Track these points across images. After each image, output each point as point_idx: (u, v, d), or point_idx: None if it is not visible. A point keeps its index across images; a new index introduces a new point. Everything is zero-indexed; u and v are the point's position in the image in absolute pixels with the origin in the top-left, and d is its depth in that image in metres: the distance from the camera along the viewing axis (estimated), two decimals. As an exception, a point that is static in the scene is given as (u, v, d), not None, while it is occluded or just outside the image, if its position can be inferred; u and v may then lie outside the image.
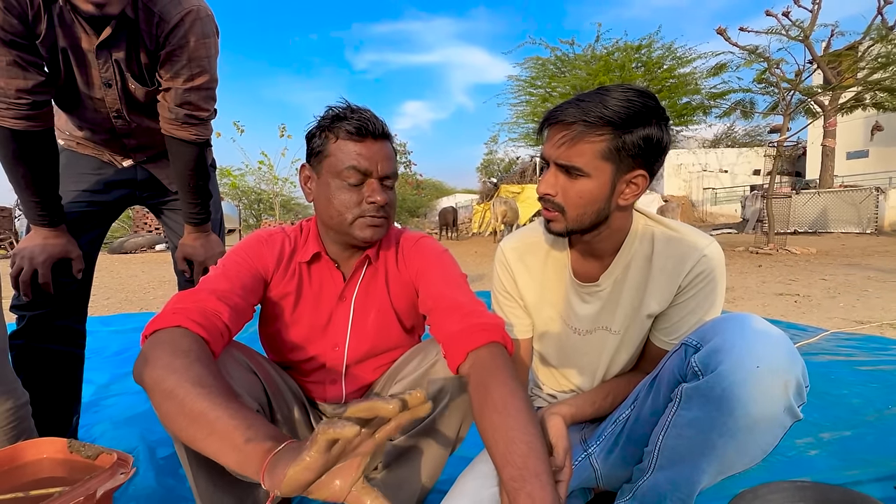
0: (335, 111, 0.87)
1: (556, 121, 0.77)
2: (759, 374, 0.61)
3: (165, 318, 0.72)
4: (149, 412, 1.62)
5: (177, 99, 1.06)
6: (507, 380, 0.69)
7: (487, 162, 24.32)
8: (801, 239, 9.17)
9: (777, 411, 0.62)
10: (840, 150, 14.37)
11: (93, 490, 0.72)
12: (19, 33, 0.90)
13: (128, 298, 4.31)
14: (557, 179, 0.79)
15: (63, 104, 1.10)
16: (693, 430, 0.66)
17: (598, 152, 0.75)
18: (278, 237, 0.94)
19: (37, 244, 1.09)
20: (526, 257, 0.96)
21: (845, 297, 3.66)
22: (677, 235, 0.85)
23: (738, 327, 0.65)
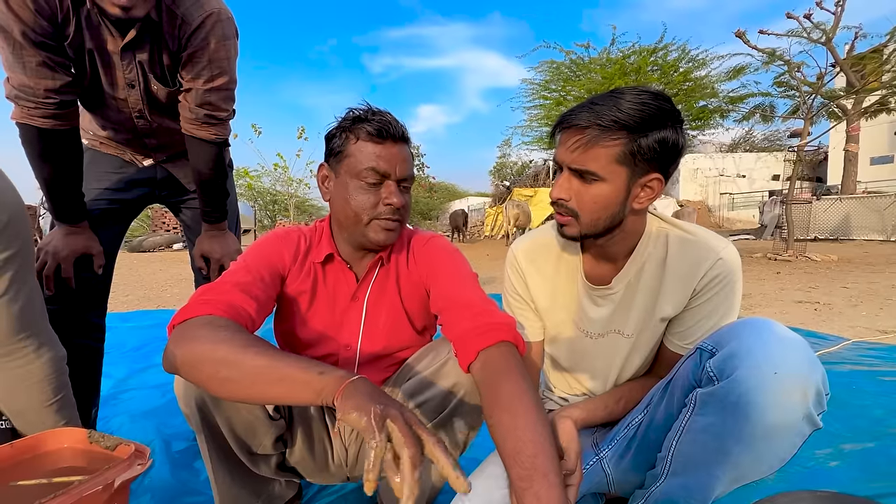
0: (356, 113, 0.88)
1: (569, 125, 0.76)
2: (777, 380, 0.59)
3: (194, 308, 0.74)
4: (165, 406, 1.65)
5: (197, 99, 1.08)
6: (518, 379, 0.68)
7: (500, 165, 24.25)
8: (822, 246, 8.95)
9: (795, 419, 0.60)
10: (864, 156, 14.01)
11: (111, 479, 0.73)
12: (49, 35, 0.93)
13: (146, 296, 4.40)
14: (571, 184, 0.78)
15: (88, 104, 1.13)
16: (708, 437, 0.65)
17: (613, 156, 0.73)
18: (295, 235, 0.96)
19: (60, 240, 1.12)
20: (537, 260, 0.95)
21: (868, 306, 3.55)
22: (692, 238, 0.84)
23: (756, 332, 0.64)
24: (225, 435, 0.83)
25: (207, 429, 0.82)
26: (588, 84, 13.09)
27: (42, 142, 1.01)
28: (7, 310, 0.81)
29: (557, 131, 0.79)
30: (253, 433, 0.85)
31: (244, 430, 0.84)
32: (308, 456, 0.95)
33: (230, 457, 0.86)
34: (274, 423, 0.86)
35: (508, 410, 0.65)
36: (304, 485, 1.13)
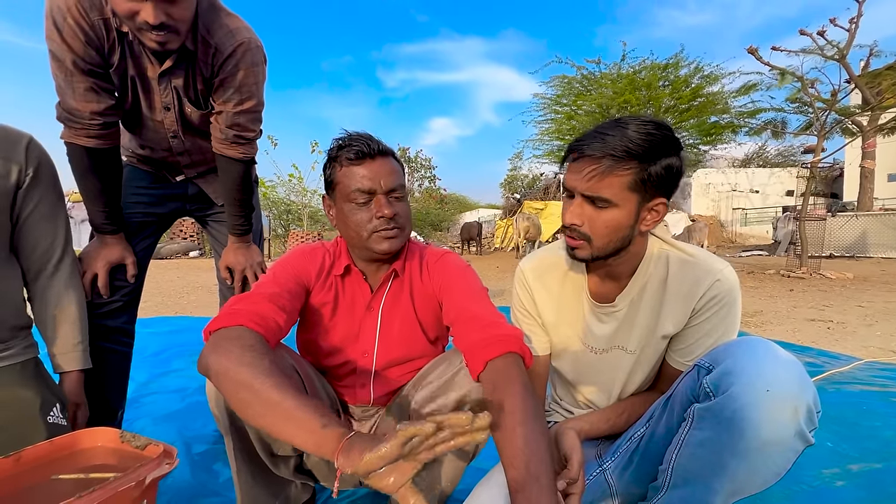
0: (337, 142, 0.95)
1: (582, 154, 0.79)
2: (770, 397, 0.62)
3: (227, 318, 0.80)
4: (185, 410, 1.71)
5: (227, 121, 1.16)
6: (519, 389, 0.72)
7: (511, 178, 24.35)
8: (838, 263, 8.80)
9: (787, 435, 0.63)
10: (881, 172, 13.79)
11: (143, 476, 0.78)
12: (96, 63, 1.02)
13: (164, 302, 4.51)
14: (584, 210, 0.81)
15: (128, 125, 1.22)
16: (705, 450, 0.68)
17: (625, 184, 0.78)
18: (319, 252, 1.02)
19: (98, 250, 1.21)
20: (545, 277, 1.00)
21: (883, 326, 3.51)
22: (692, 259, 0.88)
23: (750, 351, 0.67)
24: (250, 436, 0.88)
25: (234, 430, 0.88)
26: (599, 99, 13.17)
27: (87, 159, 1.10)
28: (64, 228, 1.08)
29: (569, 159, 0.83)
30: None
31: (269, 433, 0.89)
32: (324, 460, 1.00)
33: (253, 457, 0.91)
34: None
35: (509, 417, 0.69)
36: (317, 489, 1.18)
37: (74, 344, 1.10)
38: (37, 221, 1.03)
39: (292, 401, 0.66)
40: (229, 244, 1.37)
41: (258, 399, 0.67)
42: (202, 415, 1.65)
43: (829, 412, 1.74)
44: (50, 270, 1.08)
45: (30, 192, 1.01)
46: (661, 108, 13.01)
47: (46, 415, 1.04)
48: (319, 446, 0.62)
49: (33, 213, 1.02)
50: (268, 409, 0.66)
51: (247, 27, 1.12)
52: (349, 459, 0.59)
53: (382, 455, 0.57)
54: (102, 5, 0.98)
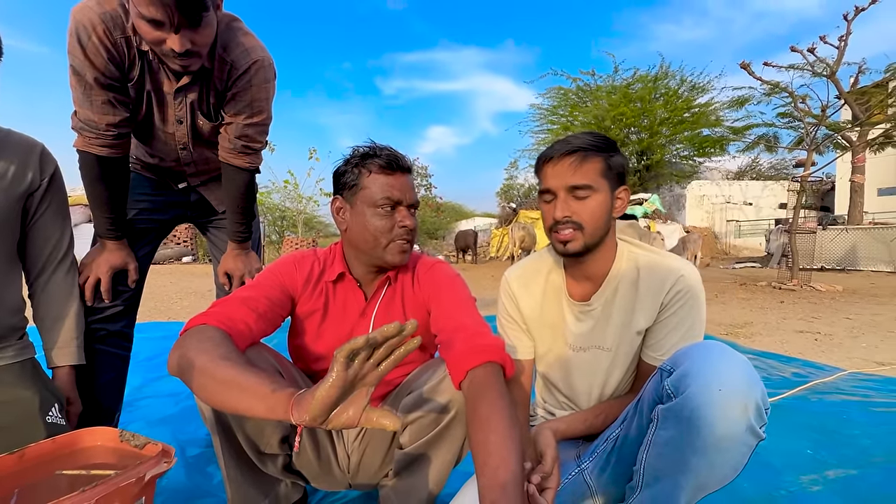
0: (364, 150, 1.00)
1: (559, 153, 0.92)
2: (721, 396, 0.66)
3: (198, 319, 0.85)
4: (179, 414, 1.73)
5: (236, 132, 1.21)
6: (495, 398, 0.75)
7: (507, 187, 24.53)
8: (828, 276, 8.91)
9: (739, 430, 0.67)
10: (871, 187, 14.01)
11: (142, 473, 0.81)
12: (116, 78, 1.07)
13: (157, 307, 4.52)
14: (569, 203, 0.92)
15: (139, 135, 1.26)
16: (670, 449, 0.72)
17: (598, 171, 0.92)
18: (309, 260, 1.06)
19: (101, 255, 1.24)
20: (528, 283, 1.07)
21: (869, 338, 3.57)
22: (657, 258, 0.98)
23: (705, 354, 0.72)
24: (236, 434, 0.92)
25: (221, 428, 0.91)
26: (594, 110, 13.36)
27: (99, 167, 1.14)
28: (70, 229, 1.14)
29: (541, 166, 0.95)
30: (261, 433, 0.93)
31: (253, 429, 0.93)
32: (313, 459, 1.03)
33: (241, 455, 0.94)
34: (280, 423, 0.94)
35: (482, 426, 0.72)
36: (309, 490, 1.21)
37: (70, 339, 1.15)
38: (47, 221, 1.11)
39: (244, 375, 0.69)
40: (228, 251, 1.40)
41: (214, 380, 0.71)
42: (195, 419, 1.67)
43: (811, 421, 1.79)
44: (53, 267, 1.14)
45: (44, 196, 1.08)
46: (656, 120, 13.21)
47: (45, 414, 1.07)
48: (273, 409, 0.64)
49: (45, 213, 1.10)
50: (223, 388, 0.69)
51: (261, 46, 1.17)
52: (302, 409, 0.61)
53: (331, 384, 0.59)
54: (124, 24, 1.02)
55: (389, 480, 1.03)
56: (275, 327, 0.98)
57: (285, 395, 0.64)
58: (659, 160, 14.17)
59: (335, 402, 0.61)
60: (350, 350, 0.58)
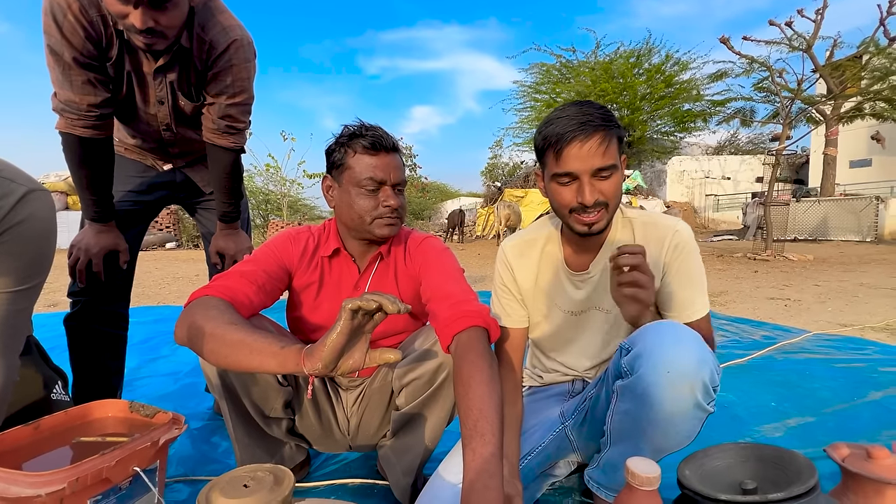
0: (351, 129, 1.03)
1: (584, 135, 0.86)
2: (669, 378, 0.73)
3: (201, 291, 0.90)
4: (179, 391, 1.78)
5: (219, 112, 1.22)
6: (476, 358, 0.81)
7: (492, 166, 24.46)
8: (801, 246, 9.25)
9: (686, 408, 0.74)
10: (843, 159, 14.43)
11: (157, 438, 0.87)
12: (94, 57, 1.07)
13: (145, 293, 4.49)
14: (594, 185, 0.89)
15: (122, 117, 1.27)
16: (628, 418, 0.80)
17: (616, 147, 0.91)
18: (304, 236, 1.10)
19: (91, 238, 1.25)
20: (524, 253, 1.09)
21: (835, 303, 3.78)
22: (651, 220, 1.01)
23: (657, 336, 0.77)
24: (242, 399, 0.98)
25: (228, 393, 0.97)
26: (577, 87, 13.35)
27: (81, 149, 1.14)
28: None
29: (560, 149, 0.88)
30: (265, 398, 0.99)
31: (258, 394, 0.99)
32: (315, 423, 1.09)
33: (248, 419, 1.00)
34: (283, 388, 1.01)
35: (464, 384, 0.78)
36: (312, 454, 1.28)
37: None
38: None
39: (252, 337, 0.75)
40: (218, 231, 1.43)
41: (224, 343, 0.77)
42: (196, 395, 1.73)
43: (776, 378, 1.93)
44: None
45: None
46: (637, 96, 13.27)
47: (51, 392, 1.11)
48: (284, 364, 0.71)
49: None
50: (234, 349, 0.75)
51: (240, 25, 1.18)
52: (313, 359, 0.68)
53: (339, 332, 0.66)
54: (100, 2, 1.02)
55: (387, 441, 1.10)
56: (273, 300, 1.03)
57: (294, 350, 0.71)
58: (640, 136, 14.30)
59: (343, 348, 0.69)
60: (358, 306, 0.66)
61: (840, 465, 0.87)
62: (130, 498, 0.84)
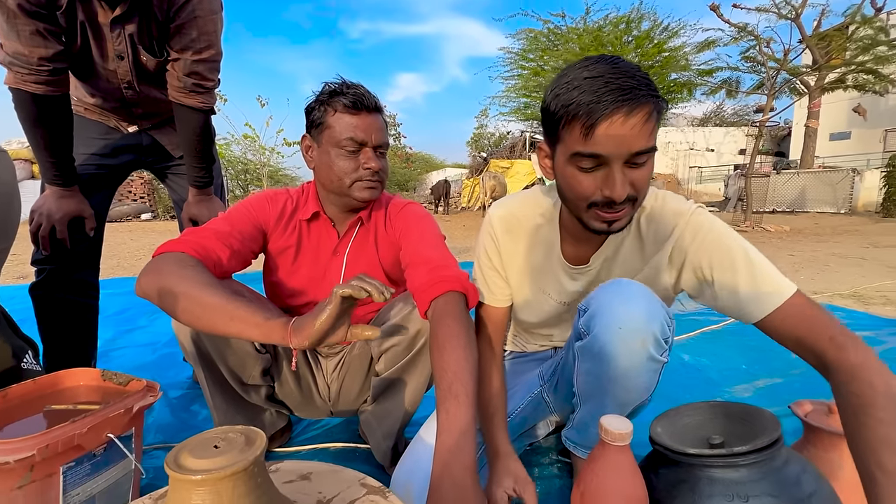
0: (332, 87, 0.98)
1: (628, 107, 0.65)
2: (621, 334, 0.74)
3: (172, 245, 0.87)
4: (157, 361, 1.76)
5: (185, 69, 1.15)
6: (452, 323, 0.81)
7: (477, 136, 24.13)
8: (778, 217, 9.47)
9: (640, 361, 0.75)
10: (823, 132, 14.62)
11: (131, 405, 0.86)
12: (42, 5, 0.98)
13: (119, 264, 4.38)
14: (625, 175, 0.69)
15: (78, 73, 1.18)
16: (591, 377, 0.81)
17: (656, 125, 0.69)
18: (282, 197, 1.07)
19: (53, 203, 1.19)
20: (514, 231, 0.94)
21: (807, 271, 3.90)
22: (659, 205, 0.85)
23: (608, 295, 0.77)
24: (218, 366, 0.96)
25: (203, 360, 0.95)
26: (565, 54, 13.06)
27: (35, 106, 1.07)
28: None
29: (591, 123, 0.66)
30: (242, 365, 0.98)
31: (235, 362, 0.97)
32: (295, 390, 1.09)
33: (225, 386, 0.99)
34: (261, 356, 1.00)
35: (440, 348, 0.78)
36: (294, 420, 1.28)
37: None
38: None
39: (233, 303, 0.75)
40: (191, 197, 1.37)
41: (201, 306, 0.75)
42: (174, 365, 1.71)
43: (748, 342, 2.00)
44: None
45: None
46: (626, 65, 13.08)
47: (20, 361, 1.07)
48: (268, 336, 0.74)
49: None
50: (211, 313, 0.75)
51: None
52: (300, 337, 0.72)
53: (328, 315, 0.72)
54: None
55: (368, 406, 1.11)
56: (245, 265, 1.00)
57: (280, 324, 0.73)
58: (627, 107, 14.12)
59: (329, 329, 0.74)
60: (349, 294, 0.71)
61: (802, 420, 0.91)
62: (106, 465, 0.83)
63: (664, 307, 0.78)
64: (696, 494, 0.73)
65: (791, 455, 0.78)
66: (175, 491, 0.46)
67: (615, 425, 0.66)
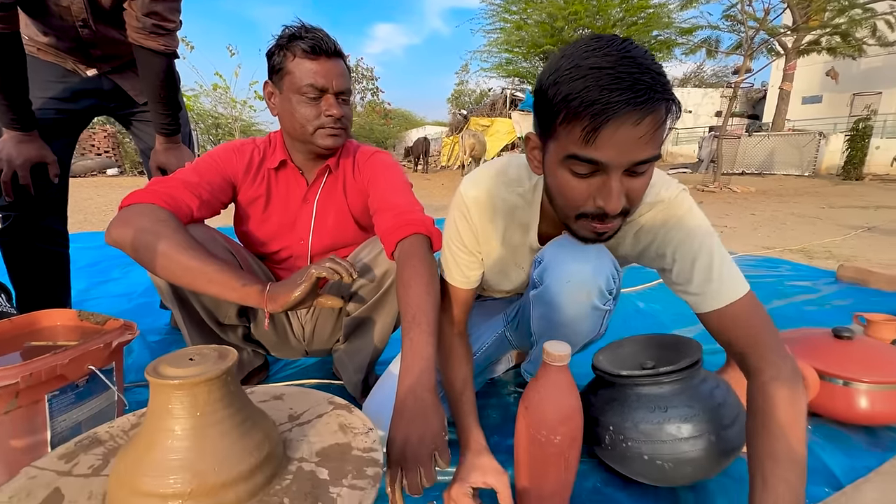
0: (291, 31, 0.97)
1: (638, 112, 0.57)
2: (569, 287, 0.81)
3: (141, 195, 0.89)
4: (134, 310, 1.79)
5: (143, 8, 1.11)
6: (417, 263, 0.86)
7: (458, 93, 23.51)
8: (746, 179, 9.76)
9: (585, 310, 0.83)
10: (797, 95, 14.83)
11: (109, 341, 0.90)
12: None
13: (87, 219, 4.26)
14: (622, 184, 0.63)
15: (28, 9, 1.13)
16: (544, 321, 0.89)
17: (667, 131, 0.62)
18: (248, 147, 1.08)
19: (13, 148, 1.16)
20: (491, 213, 0.89)
21: (765, 229, 4.11)
22: None
23: (561, 251, 0.82)
24: (195, 306, 1.01)
25: (180, 302, 1.00)
26: (549, 7, 12.65)
27: None
28: None
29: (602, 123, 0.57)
30: (218, 305, 1.03)
31: (211, 302, 1.02)
32: (270, 331, 1.15)
33: (203, 326, 1.04)
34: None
35: (405, 286, 0.84)
36: (271, 360, 1.36)
37: None
38: None
39: (211, 266, 0.81)
40: (158, 145, 1.36)
41: (179, 266, 0.81)
42: (152, 313, 1.74)
43: (700, 292, 2.15)
44: None
45: None
46: (610, 21, 12.78)
47: (-6, 305, 1.10)
48: (244, 299, 0.82)
49: None
50: (190, 274, 0.82)
51: None
52: (275, 304, 0.82)
53: (302, 290, 0.82)
54: None
55: (341, 345, 1.19)
56: (215, 214, 1.02)
57: (256, 291, 0.82)
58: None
59: (301, 300, 0.84)
60: (322, 275, 0.83)
61: (726, 349, 1.03)
62: (89, 395, 0.88)
63: (612, 262, 0.84)
64: (625, 408, 0.85)
65: (708, 375, 0.90)
66: (156, 395, 0.52)
67: (556, 348, 0.75)
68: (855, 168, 9.62)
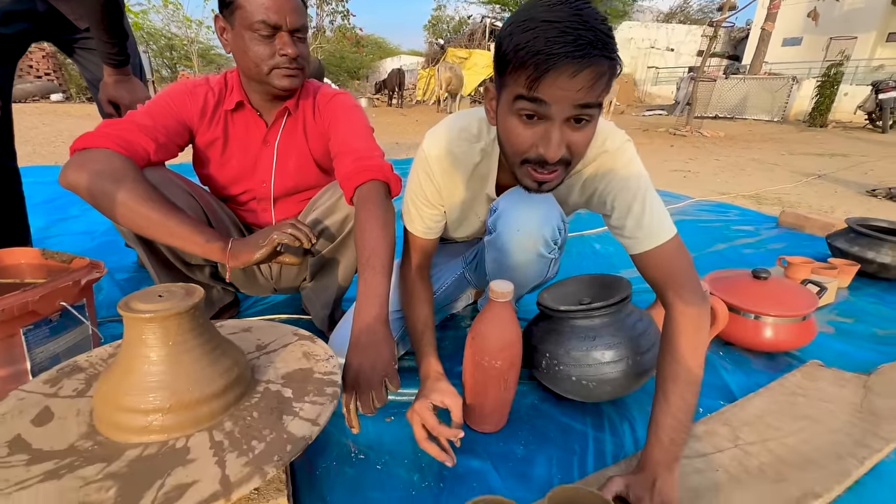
0: None
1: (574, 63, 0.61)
2: (518, 236, 0.88)
3: (94, 139, 0.87)
4: (98, 248, 1.78)
5: None
6: (373, 208, 0.91)
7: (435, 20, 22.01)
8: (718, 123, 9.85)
9: (531, 258, 0.91)
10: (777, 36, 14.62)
11: (78, 279, 0.93)
12: None
13: (36, 151, 3.99)
14: (564, 134, 0.68)
15: None
16: (496, 264, 0.97)
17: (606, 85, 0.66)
18: (202, 90, 1.04)
19: None
20: (453, 170, 0.94)
21: (725, 174, 4.27)
22: None
23: (511, 201, 0.88)
24: (160, 249, 1.03)
25: (145, 244, 1.02)
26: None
27: None
28: None
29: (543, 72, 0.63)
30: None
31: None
32: (238, 270, 1.20)
33: (170, 266, 1.07)
34: None
35: (361, 229, 0.89)
36: (241, 297, 1.42)
37: None
38: None
39: (173, 220, 0.84)
40: (107, 77, 1.29)
41: (140, 216, 0.84)
42: (117, 251, 1.74)
43: (653, 235, 2.29)
44: None
45: None
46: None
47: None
48: (207, 255, 0.87)
49: None
50: (151, 225, 0.85)
51: None
52: (238, 262, 0.88)
53: (260, 255, 0.88)
54: None
55: (308, 283, 1.25)
56: (172, 156, 1.01)
57: (218, 248, 0.86)
58: (594, -5, 13.27)
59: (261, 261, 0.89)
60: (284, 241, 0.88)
61: (654, 287, 1.14)
62: (63, 329, 0.93)
63: (560, 214, 0.92)
64: (561, 337, 0.96)
65: (634, 310, 1.02)
66: (130, 328, 0.58)
67: (499, 286, 0.83)
68: (821, 115, 9.80)
